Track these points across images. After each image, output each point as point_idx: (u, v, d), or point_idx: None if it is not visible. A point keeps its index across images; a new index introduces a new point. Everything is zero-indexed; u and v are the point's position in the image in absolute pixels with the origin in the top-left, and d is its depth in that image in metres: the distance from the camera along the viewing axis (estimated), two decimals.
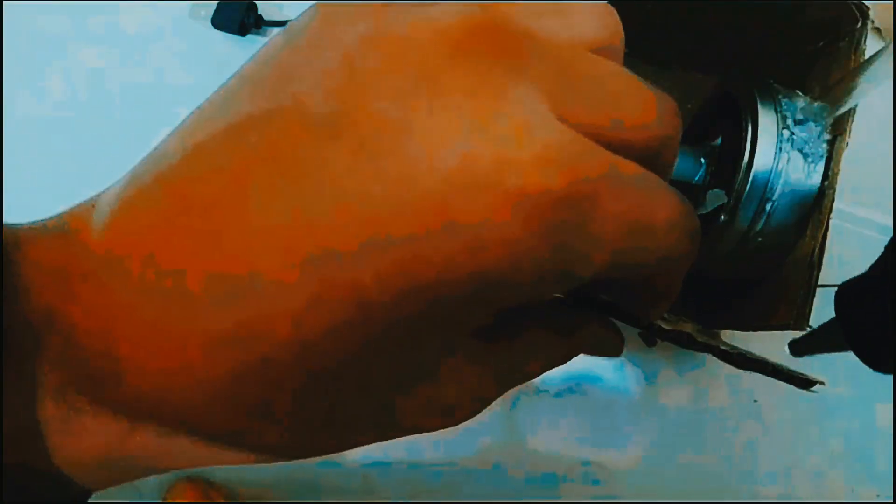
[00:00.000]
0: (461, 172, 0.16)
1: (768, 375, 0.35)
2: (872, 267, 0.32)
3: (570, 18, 0.20)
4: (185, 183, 0.17)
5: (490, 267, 0.17)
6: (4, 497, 0.17)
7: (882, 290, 0.32)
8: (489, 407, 0.23)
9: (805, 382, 0.35)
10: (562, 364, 0.24)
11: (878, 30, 0.44)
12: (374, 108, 0.17)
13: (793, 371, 0.35)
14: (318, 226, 0.16)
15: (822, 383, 0.35)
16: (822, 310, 0.43)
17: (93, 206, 0.19)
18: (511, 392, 0.23)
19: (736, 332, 0.42)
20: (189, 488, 0.47)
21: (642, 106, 0.19)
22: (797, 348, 0.39)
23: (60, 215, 0.19)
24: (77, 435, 0.18)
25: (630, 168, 0.18)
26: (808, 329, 0.32)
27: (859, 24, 0.38)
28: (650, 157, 0.19)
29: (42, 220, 0.19)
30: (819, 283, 0.35)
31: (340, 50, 0.18)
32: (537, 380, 0.26)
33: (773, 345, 0.40)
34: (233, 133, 0.18)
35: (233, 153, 0.17)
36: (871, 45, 0.38)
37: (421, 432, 0.22)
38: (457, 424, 0.22)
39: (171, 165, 0.18)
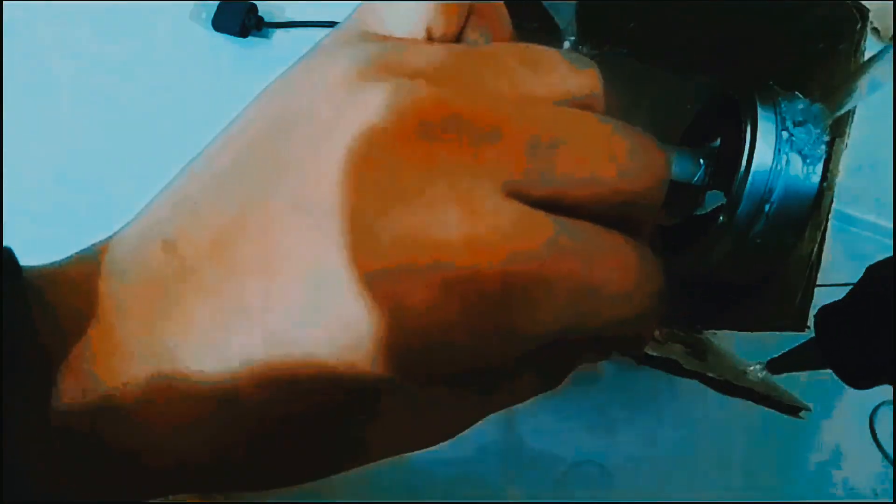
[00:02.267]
0: (404, 260, 0.18)
1: (756, 402, 0.36)
2: (851, 292, 0.33)
3: (545, 73, 0.21)
4: (176, 246, 0.19)
5: (427, 346, 0.18)
6: None
7: (859, 314, 0.33)
8: None
9: (792, 409, 0.36)
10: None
11: (876, 30, 0.45)
12: (327, 189, 0.18)
13: (781, 398, 0.36)
14: (275, 303, 0.18)
15: (808, 409, 0.36)
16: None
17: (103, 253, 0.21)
18: None
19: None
20: None
21: (613, 162, 0.20)
22: (775, 367, 0.40)
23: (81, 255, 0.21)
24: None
25: (579, 239, 0.19)
26: (807, 329, 0.33)
27: (859, 26, 0.38)
28: (626, 209, 0.20)
29: (64, 261, 0.21)
30: (818, 283, 0.35)
31: (310, 125, 0.19)
32: None
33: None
34: (214, 201, 0.19)
35: (214, 220, 0.19)
36: (871, 46, 0.38)
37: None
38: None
39: (165, 222, 0.20)
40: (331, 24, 0.53)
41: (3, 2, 0.52)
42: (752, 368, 0.39)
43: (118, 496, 0.20)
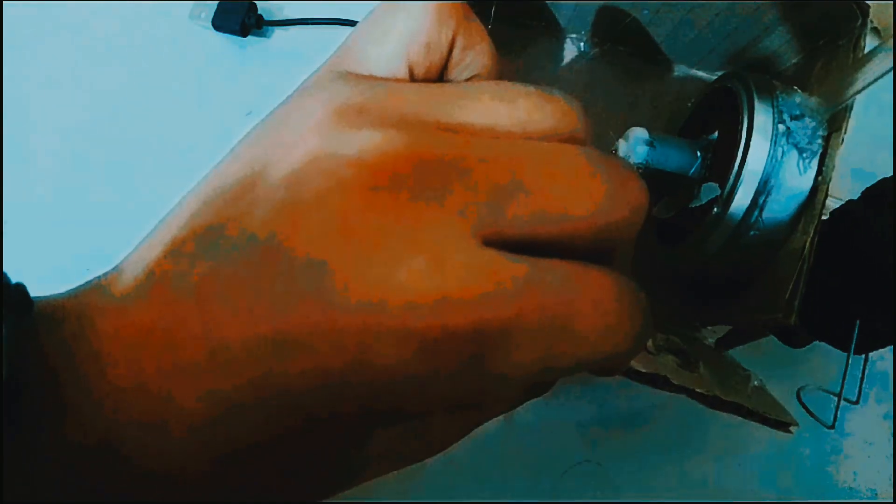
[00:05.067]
0: (371, 316, 0.18)
1: (743, 417, 0.37)
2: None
3: (522, 110, 0.21)
4: (163, 289, 0.20)
5: (397, 394, 0.19)
6: None
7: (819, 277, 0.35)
8: None
9: (779, 424, 0.37)
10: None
11: (876, 30, 0.46)
12: (302, 239, 0.19)
13: (768, 414, 0.36)
14: (254, 353, 0.19)
15: (795, 425, 0.37)
16: None
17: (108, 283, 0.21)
18: None
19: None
20: None
21: (587, 196, 0.20)
22: (724, 343, 0.43)
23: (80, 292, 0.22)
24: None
25: (554, 281, 0.19)
26: (795, 322, 0.34)
27: (859, 23, 0.40)
28: (604, 241, 0.21)
29: (67, 293, 0.22)
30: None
31: (287, 169, 0.20)
32: None
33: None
34: (200, 240, 0.20)
35: (199, 263, 0.20)
36: (870, 45, 0.40)
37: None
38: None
39: (151, 262, 0.20)
40: (331, 22, 0.54)
41: (3, 1, 0.53)
42: (747, 373, 0.41)
43: None
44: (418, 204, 0.19)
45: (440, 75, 0.25)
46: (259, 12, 0.55)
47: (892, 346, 0.50)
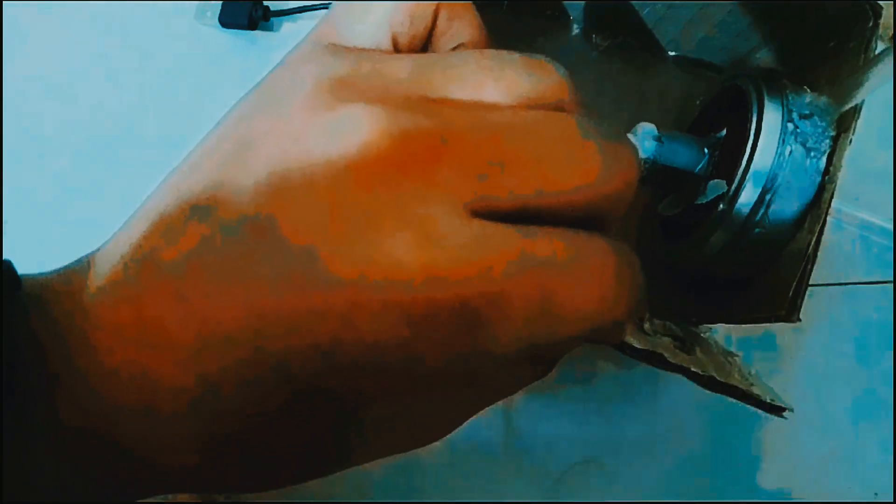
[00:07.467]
0: (359, 291, 0.19)
1: (738, 400, 0.37)
2: None
3: (509, 80, 0.21)
4: (152, 269, 0.20)
5: (384, 377, 0.20)
6: None
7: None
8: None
9: (774, 408, 0.37)
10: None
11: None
12: (291, 218, 0.19)
13: (763, 397, 0.36)
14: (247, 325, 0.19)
15: (790, 409, 0.37)
16: (815, 306, 0.45)
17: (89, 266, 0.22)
18: None
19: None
20: None
21: (579, 167, 0.20)
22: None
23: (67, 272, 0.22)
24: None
25: (547, 252, 0.20)
26: (798, 320, 0.34)
27: (871, 24, 0.40)
28: (595, 209, 0.21)
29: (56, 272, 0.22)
30: (817, 282, 0.36)
31: (274, 148, 0.20)
32: None
33: None
34: (188, 220, 0.20)
35: (187, 243, 0.20)
36: (880, 46, 0.40)
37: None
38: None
39: (139, 239, 0.21)
40: None
41: (3, 1, 0.53)
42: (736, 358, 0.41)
43: (123, 494, 0.22)
44: (406, 179, 0.19)
45: (425, 46, 0.25)
46: (265, 4, 0.55)
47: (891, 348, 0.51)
